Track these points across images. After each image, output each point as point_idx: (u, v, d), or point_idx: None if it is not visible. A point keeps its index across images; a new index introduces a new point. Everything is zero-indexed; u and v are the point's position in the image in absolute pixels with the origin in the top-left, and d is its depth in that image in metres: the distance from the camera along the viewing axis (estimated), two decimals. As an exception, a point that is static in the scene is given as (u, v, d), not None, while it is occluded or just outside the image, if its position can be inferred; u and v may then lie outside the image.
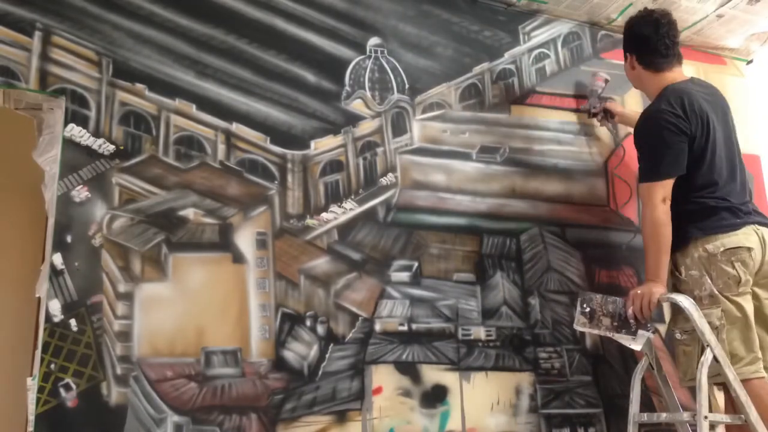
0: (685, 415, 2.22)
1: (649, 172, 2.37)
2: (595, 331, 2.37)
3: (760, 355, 2.21)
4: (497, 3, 3.01)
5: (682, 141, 2.33)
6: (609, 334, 2.34)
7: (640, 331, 2.28)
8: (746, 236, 2.27)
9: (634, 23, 2.61)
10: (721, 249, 2.24)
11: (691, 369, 2.21)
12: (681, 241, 2.31)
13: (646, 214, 2.36)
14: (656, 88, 2.49)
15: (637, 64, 2.57)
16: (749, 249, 2.25)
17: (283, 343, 2.28)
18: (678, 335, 2.30)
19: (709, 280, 2.24)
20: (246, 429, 2.15)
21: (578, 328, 2.39)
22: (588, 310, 2.36)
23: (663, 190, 2.32)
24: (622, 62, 2.69)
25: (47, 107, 2.20)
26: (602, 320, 2.33)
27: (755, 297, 2.29)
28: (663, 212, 2.30)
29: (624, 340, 2.32)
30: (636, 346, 2.30)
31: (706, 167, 2.35)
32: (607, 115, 2.98)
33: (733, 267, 2.23)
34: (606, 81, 2.99)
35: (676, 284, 2.37)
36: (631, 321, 2.30)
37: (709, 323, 2.19)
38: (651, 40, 2.52)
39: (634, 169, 2.69)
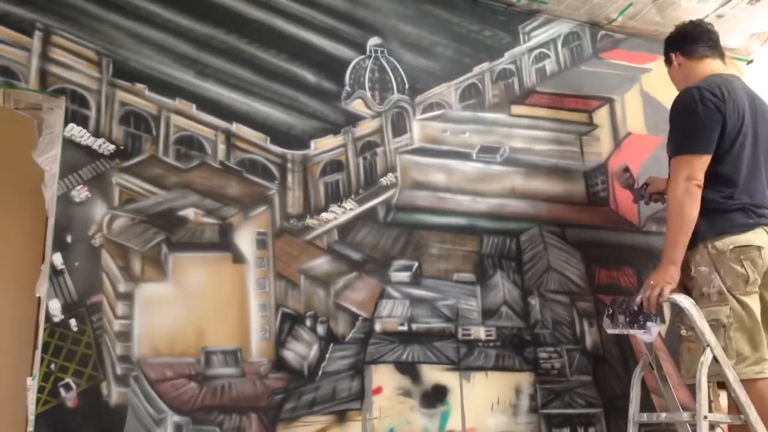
0: (685, 415, 2.22)
1: (677, 146, 2.33)
2: (616, 331, 2.36)
3: (766, 355, 2.19)
4: (497, 3, 3.01)
5: (716, 120, 2.29)
6: (625, 331, 2.33)
7: (648, 323, 2.26)
8: (756, 235, 2.25)
9: (673, 31, 2.64)
10: (731, 246, 2.22)
11: (694, 366, 2.19)
12: (691, 238, 2.28)
13: (669, 192, 2.30)
14: (701, 78, 2.44)
15: (683, 58, 2.54)
16: (759, 248, 2.23)
17: (283, 343, 2.28)
18: (683, 332, 2.28)
19: (718, 278, 2.22)
20: (246, 429, 2.15)
21: (608, 330, 2.39)
22: (610, 312, 2.36)
23: (689, 167, 2.26)
24: (622, 62, 2.69)
25: (47, 107, 2.21)
26: (618, 318, 2.32)
27: (761, 298, 2.26)
28: (684, 190, 2.24)
29: (637, 333, 2.30)
30: (648, 338, 2.28)
31: (731, 160, 2.31)
32: (660, 196, 2.79)
33: (742, 265, 2.21)
34: (627, 169, 2.88)
35: (685, 281, 2.34)
36: (635, 308, 2.27)
37: (717, 320, 2.17)
38: (692, 33, 2.56)
39: None
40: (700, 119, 2.29)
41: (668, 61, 2.63)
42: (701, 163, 2.28)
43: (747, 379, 2.13)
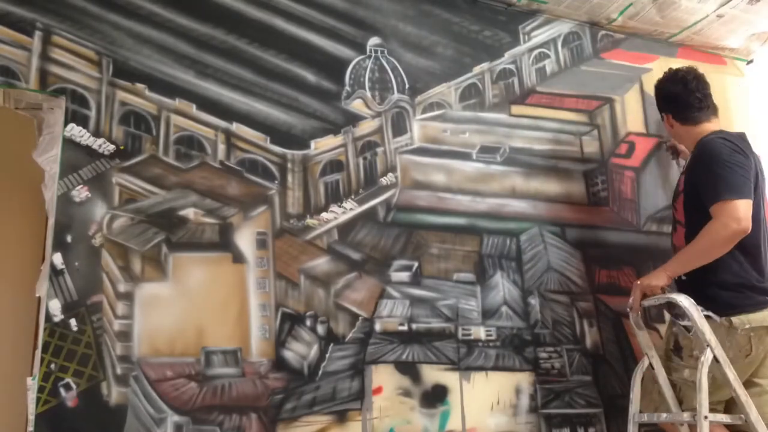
0: (686, 415, 2.22)
1: (724, 191, 2.22)
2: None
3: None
4: (497, 3, 3.01)
5: (749, 165, 2.27)
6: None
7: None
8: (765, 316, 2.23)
9: (662, 84, 2.61)
10: (746, 326, 2.20)
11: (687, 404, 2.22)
12: (710, 306, 2.23)
13: (711, 225, 2.20)
14: (702, 136, 2.42)
15: (675, 122, 2.55)
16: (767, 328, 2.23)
17: (283, 343, 2.28)
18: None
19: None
20: (246, 429, 2.15)
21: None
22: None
23: (735, 208, 2.17)
24: (622, 62, 2.68)
25: (47, 107, 2.21)
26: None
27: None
28: (733, 233, 2.16)
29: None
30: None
31: (754, 221, 2.24)
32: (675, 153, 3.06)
33: (749, 342, 2.20)
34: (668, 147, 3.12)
35: (678, 335, 2.31)
36: (628, 309, 2.34)
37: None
38: (681, 97, 2.51)
39: None
40: (735, 164, 2.26)
41: (661, 117, 2.64)
42: (747, 205, 2.20)
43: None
